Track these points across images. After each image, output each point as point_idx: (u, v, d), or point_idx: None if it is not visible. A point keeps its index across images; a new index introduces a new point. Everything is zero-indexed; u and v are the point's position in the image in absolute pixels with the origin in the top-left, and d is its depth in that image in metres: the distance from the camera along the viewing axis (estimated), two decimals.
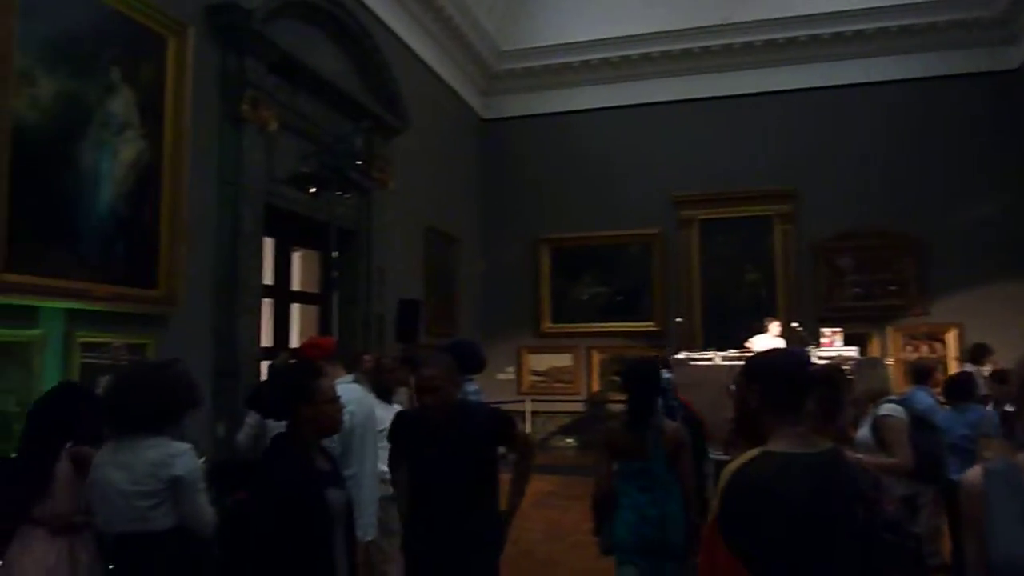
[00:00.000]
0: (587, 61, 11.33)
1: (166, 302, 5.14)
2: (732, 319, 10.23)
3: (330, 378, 2.69)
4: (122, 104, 4.85)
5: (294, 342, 7.34)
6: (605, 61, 11.27)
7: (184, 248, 5.26)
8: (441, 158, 10.35)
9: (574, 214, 11.19)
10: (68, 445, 3.00)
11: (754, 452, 1.87)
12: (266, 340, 6.68)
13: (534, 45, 11.50)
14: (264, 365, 6.11)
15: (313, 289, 7.80)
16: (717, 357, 8.35)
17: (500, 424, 3.03)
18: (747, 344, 8.48)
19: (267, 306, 6.77)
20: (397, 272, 8.63)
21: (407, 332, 8.19)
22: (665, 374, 4.88)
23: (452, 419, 2.90)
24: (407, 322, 8.24)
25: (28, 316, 4.24)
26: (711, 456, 5.21)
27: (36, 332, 4.27)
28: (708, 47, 10.85)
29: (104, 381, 4.60)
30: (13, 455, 3.23)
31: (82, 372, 4.52)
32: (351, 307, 7.63)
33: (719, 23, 10.61)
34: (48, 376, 4.28)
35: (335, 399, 2.54)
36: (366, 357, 4.73)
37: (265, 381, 4.50)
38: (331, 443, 2.79)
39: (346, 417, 2.85)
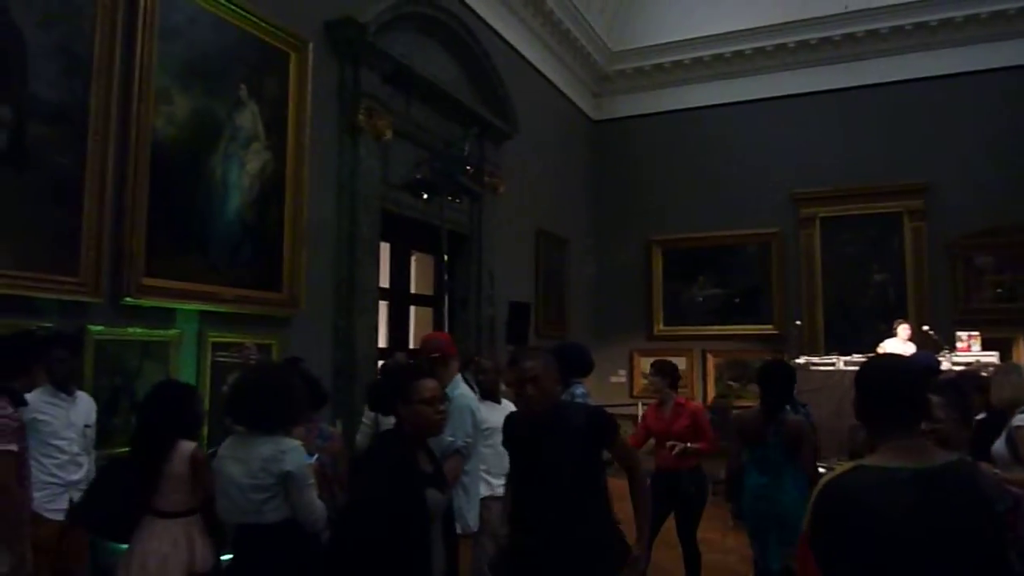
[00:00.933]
0: (699, 58, 11.04)
1: (289, 304, 5.42)
2: (856, 322, 9.69)
3: (441, 378, 2.71)
4: (249, 118, 5.17)
5: (412, 343, 7.56)
6: (718, 57, 10.95)
7: (305, 253, 5.53)
8: (552, 161, 10.37)
9: (688, 214, 10.93)
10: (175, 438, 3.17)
11: (848, 465, 1.75)
12: (383, 341, 6.93)
13: (644, 44, 11.32)
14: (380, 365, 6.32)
15: (428, 292, 8.01)
16: (840, 362, 7.94)
17: (600, 423, 2.89)
18: (877, 349, 8.00)
19: (383, 308, 7.01)
20: (508, 275, 8.72)
21: (517, 335, 8.26)
22: None
23: (551, 417, 2.83)
24: (517, 325, 8.31)
25: (166, 317, 4.59)
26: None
27: (173, 332, 4.61)
28: (828, 37, 10.33)
29: (231, 379, 4.93)
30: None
31: (213, 370, 4.84)
32: (463, 310, 7.78)
33: (838, 12, 10.08)
34: (185, 373, 4.62)
35: (432, 399, 2.57)
36: (477, 359, 4.82)
37: (378, 379, 4.66)
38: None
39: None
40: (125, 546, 2.96)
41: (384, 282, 6.96)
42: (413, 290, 7.99)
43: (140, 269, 4.32)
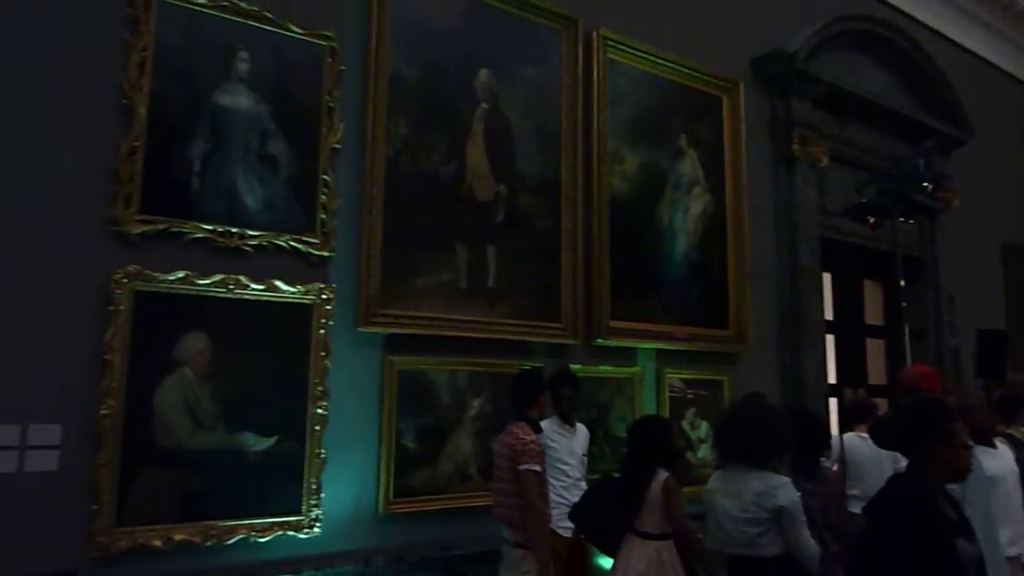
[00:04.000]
0: None
1: (736, 340, 5.49)
2: None
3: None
4: (689, 165, 5.44)
5: (872, 378, 7.05)
6: None
7: (748, 288, 5.56)
8: (1014, 164, 8.87)
9: None
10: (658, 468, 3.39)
11: None
12: (831, 376, 6.57)
13: None
14: (832, 402, 6.01)
15: (875, 322, 7.40)
16: None
17: None
18: None
19: (830, 342, 6.66)
20: (971, 299, 7.64)
21: (990, 367, 7.14)
22: None
23: None
24: (990, 355, 7.18)
25: (629, 356, 4.99)
26: None
27: (635, 369, 4.98)
28: None
29: (689, 414, 5.14)
30: (617, 475, 3.79)
31: (670, 405, 5.11)
32: (920, 340, 7.00)
33: None
34: (646, 407, 4.96)
35: (969, 444, 2.36)
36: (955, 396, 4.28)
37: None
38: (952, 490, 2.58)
39: None
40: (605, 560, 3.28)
41: (828, 314, 6.61)
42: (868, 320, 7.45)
43: (607, 313, 4.78)
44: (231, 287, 3.46)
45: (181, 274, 3.34)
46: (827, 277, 6.59)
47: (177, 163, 3.40)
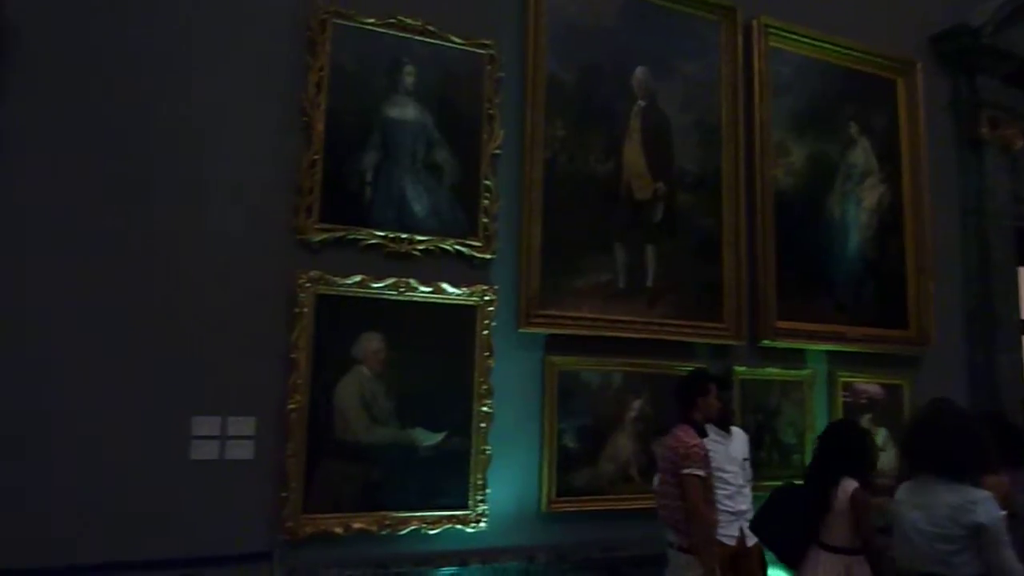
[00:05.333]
0: None
1: (917, 342, 5.09)
2: None
3: None
4: (861, 154, 5.11)
5: None
6: None
7: (931, 285, 5.14)
8: None
9: None
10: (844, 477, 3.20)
11: None
12: None
13: None
14: None
15: None
16: None
17: None
18: None
19: None
20: None
21: None
22: None
23: None
24: None
25: (797, 358, 4.76)
26: None
27: (805, 372, 4.74)
28: None
29: (865, 420, 4.81)
30: (799, 483, 3.60)
31: (844, 410, 4.81)
32: None
33: None
34: (817, 412, 4.70)
35: None
36: None
37: None
38: None
39: None
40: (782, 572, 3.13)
41: None
42: None
43: (773, 313, 4.59)
44: (402, 290, 3.63)
45: (357, 278, 3.56)
46: (1023, 272, 5.96)
47: (351, 174, 3.62)
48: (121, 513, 3.10)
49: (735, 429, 3.99)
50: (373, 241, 3.62)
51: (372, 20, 3.75)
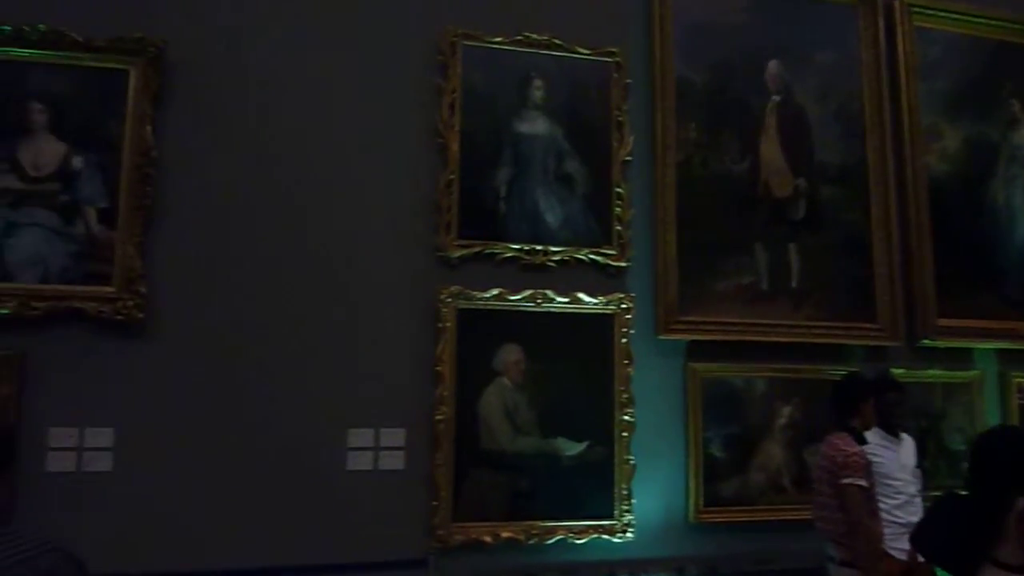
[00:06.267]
0: None
1: None
2: None
3: None
4: None
5: None
6: None
7: None
8: None
9: None
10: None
11: None
12: None
13: None
14: None
15: None
16: None
17: None
18: None
19: None
20: None
21: None
22: None
23: None
24: None
25: (963, 358, 4.41)
26: None
27: (973, 373, 4.38)
28: None
29: None
30: (964, 492, 3.31)
31: (1019, 415, 4.40)
32: None
33: None
34: (988, 416, 4.33)
35: None
36: None
37: None
38: None
39: None
40: None
41: None
42: None
43: (932, 310, 4.28)
44: (539, 301, 3.68)
45: (495, 291, 3.64)
46: None
47: (486, 190, 3.70)
48: (285, 520, 3.31)
49: (904, 435, 3.74)
50: (509, 254, 3.69)
51: (499, 39, 3.83)
